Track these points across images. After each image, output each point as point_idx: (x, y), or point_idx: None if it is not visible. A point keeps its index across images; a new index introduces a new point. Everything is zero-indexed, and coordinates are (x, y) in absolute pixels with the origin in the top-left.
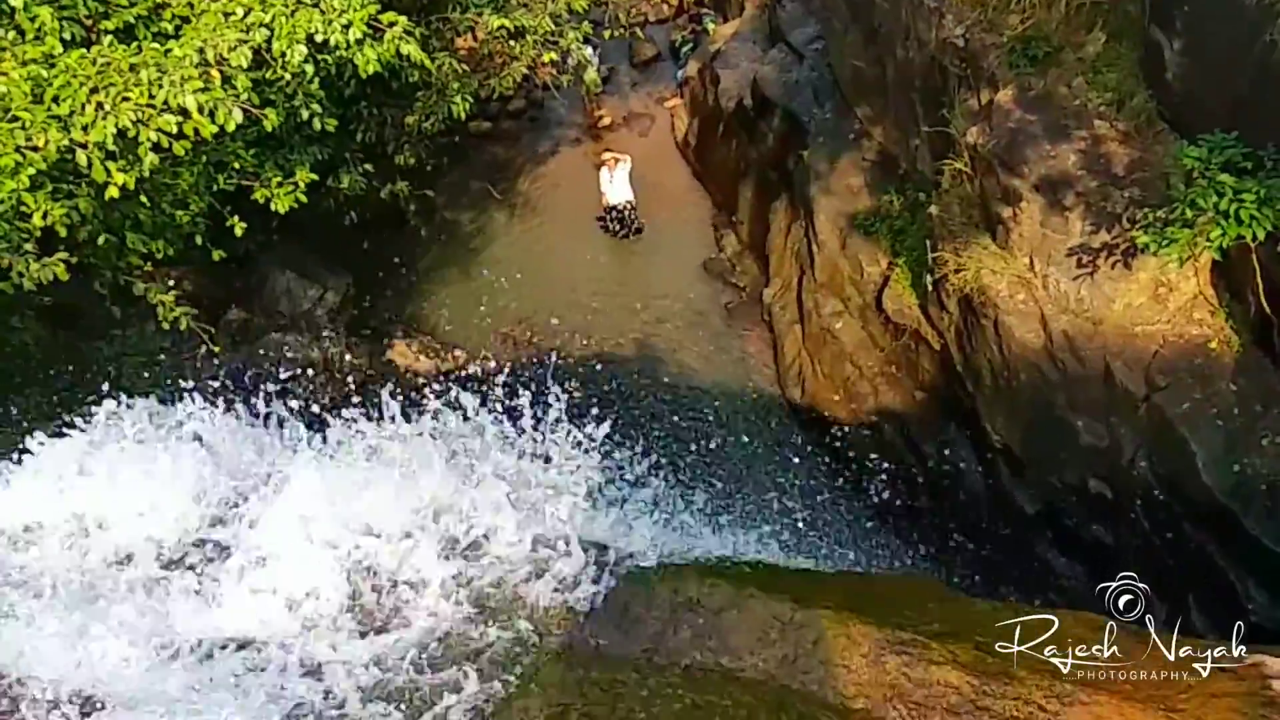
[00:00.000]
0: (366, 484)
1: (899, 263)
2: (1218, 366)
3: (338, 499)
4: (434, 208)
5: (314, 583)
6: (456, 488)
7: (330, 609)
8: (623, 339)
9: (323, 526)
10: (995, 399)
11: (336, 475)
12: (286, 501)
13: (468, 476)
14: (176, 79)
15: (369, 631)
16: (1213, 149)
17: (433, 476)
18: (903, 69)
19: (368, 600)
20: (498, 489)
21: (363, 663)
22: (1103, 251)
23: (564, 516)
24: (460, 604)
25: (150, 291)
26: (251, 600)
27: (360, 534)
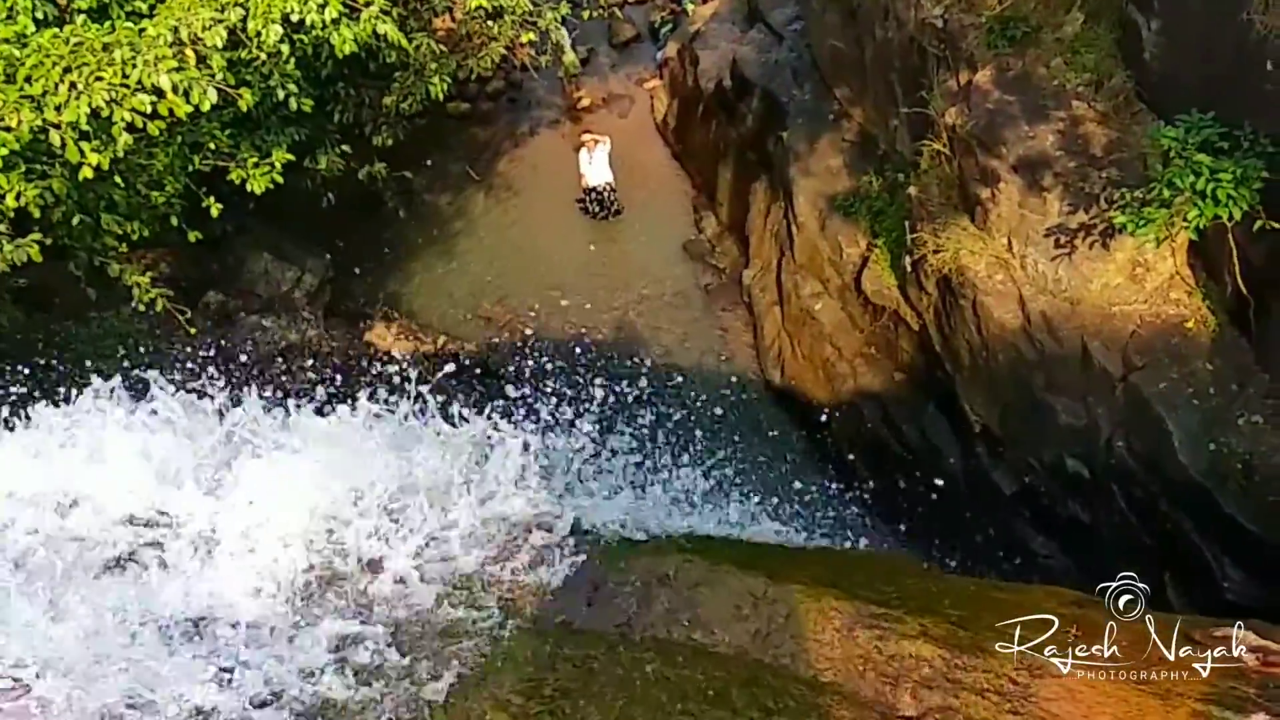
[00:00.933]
0: (339, 463)
1: (878, 244)
2: (1194, 346)
3: (309, 477)
4: (412, 189)
5: (282, 561)
6: (429, 467)
7: (300, 586)
8: (602, 320)
9: (293, 505)
10: (974, 379)
11: (308, 454)
12: (256, 481)
13: (442, 455)
14: (150, 58)
15: (338, 609)
16: (1190, 129)
17: (406, 455)
18: (881, 50)
19: (337, 578)
20: (472, 467)
21: (332, 640)
22: (1080, 232)
23: (539, 494)
24: (430, 582)
25: (126, 273)
26: (218, 577)
27: (330, 513)
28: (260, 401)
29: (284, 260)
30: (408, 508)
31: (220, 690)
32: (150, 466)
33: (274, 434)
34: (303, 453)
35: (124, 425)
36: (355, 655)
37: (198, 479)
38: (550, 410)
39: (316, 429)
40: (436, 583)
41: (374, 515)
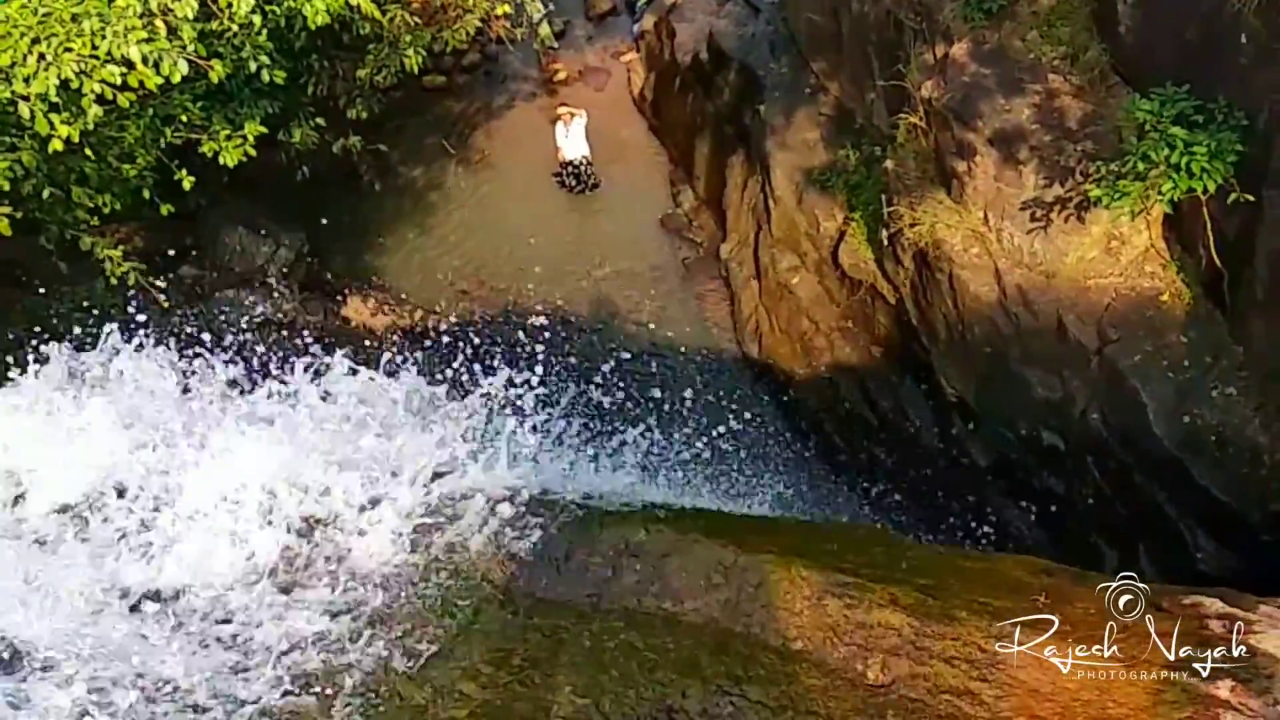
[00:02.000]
0: (311, 437)
1: (855, 217)
2: (1169, 319)
3: (282, 451)
4: (388, 162)
5: (252, 534)
6: (402, 440)
7: (269, 559)
8: (579, 295)
9: (265, 479)
10: (950, 352)
11: (280, 425)
12: (227, 454)
13: (414, 426)
14: (120, 29)
15: (308, 581)
16: (1164, 102)
17: (379, 427)
18: (858, 23)
19: (307, 551)
20: (444, 438)
21: (304, 611)
22: (1056, 205)
23: (510, 466)
24: (401, 553)
25: (98, 246)
26: (190, 549)
27: (302, 486)
28: (233, 374)
29: (259, 234)
30: (379, 481)
31: (190, 659)
32: (125, 436)
33: (247, 407)
34: (275, 426)
35: (89, 394)
36: (327, 626)
37: (171, 450)
38: (525, 383)
39: (290, 402)
40: (407, 554)
41: (345, 489)
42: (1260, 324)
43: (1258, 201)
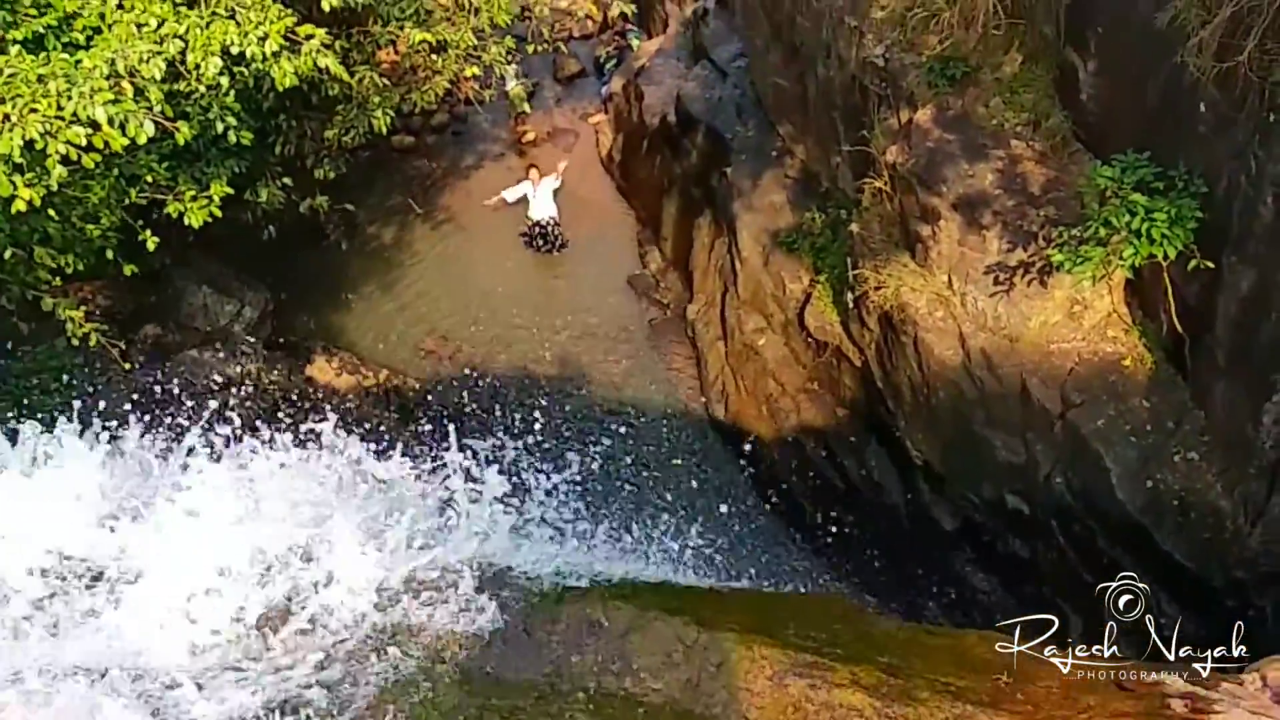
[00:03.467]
0: (267, 507)
1: (821, 280)
2: (1131, 383)
3: (236, 521)
4: (355, 222)
5: (207, 606)
6: (360, 510)
7: (222, 633)
8: (546, 355)
9: (220, 549)
10: (915, 415)
11: (235, 496)
12: (184, 523)
13: (373, 498)
14: (86, 90)
15: (264, 658)
16: (1125, 169)
17: (336, 499)
18: (824, 87)
19: (262, 626)
20: (403, 510)
21: (259, 689)
22: (1019, 269)
23: (470, 538)
24: (357, 630)
25: (59, 307)
26: (143, 623)
27: (258, 559)
28: (191, 439)
29: (223, 293)
30: (337, 553)
31: None
32: (79, 506)
33: (203, 476)
34: (231, 497)
35: (53, 463)
36: (282, 704)
37: (123, 520)
38: (486, 450)
39: (247, 472)
40: (364, 631)
41: (301, 562)
42: (1221, 390)
43: (1218, 268)
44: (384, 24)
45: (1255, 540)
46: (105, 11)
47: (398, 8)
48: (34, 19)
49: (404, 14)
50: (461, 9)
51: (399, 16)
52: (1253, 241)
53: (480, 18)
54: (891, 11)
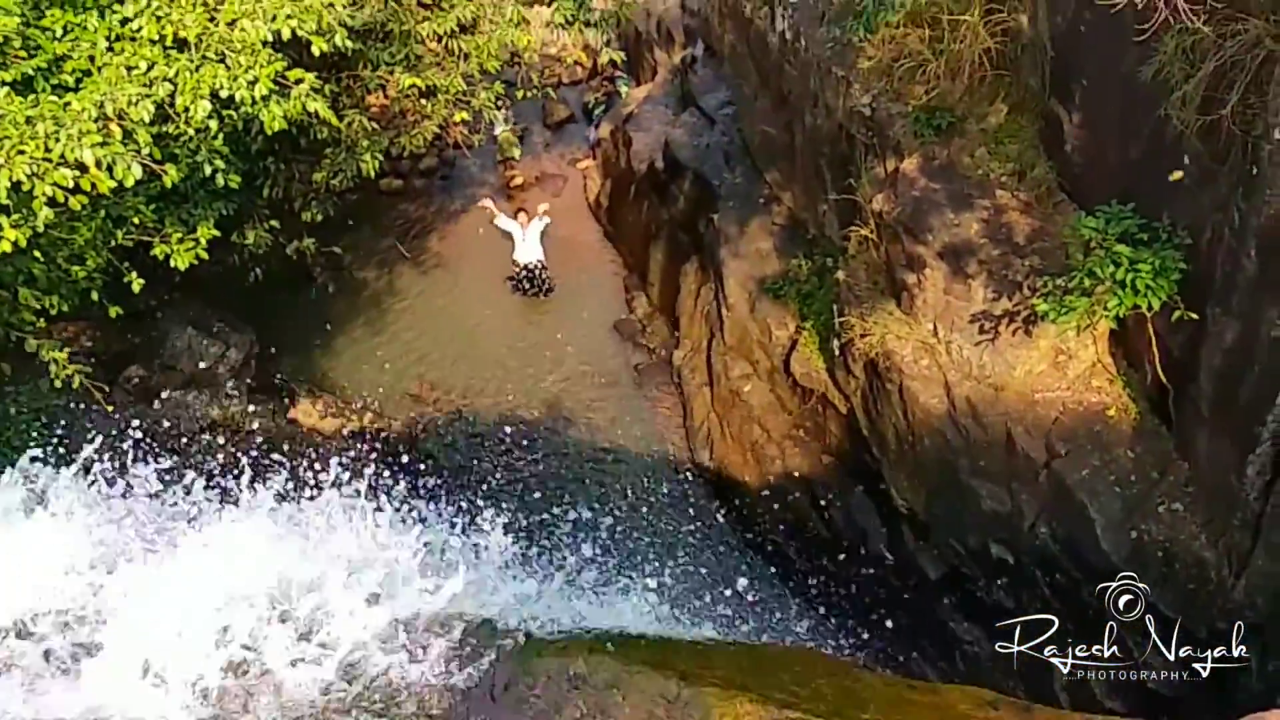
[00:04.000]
0: (246, 559)
1: (807, 327)
2: (1116, 434)
3: (219, 571)
4: (341, 265)
5: (189, 659)
6: (341, 561)
7: (206, 686)
8: (532, 399)
9: (202, 600)
10: (900, 463)
11: (220, 546)
12: (165, 573)
13: (354, 548)
14: (74, 132)
15: (236, 715)
16: (1110, 220)
17: (317, 549)
18: (811, 136)
19: (241, 682)
20: (382, 560)
21: None
22: (1004, 318)
23: (452, 589)
24: (337, 682)
25: (43, 348)
26: (122, 678)
27: (239, 609)
28: (175, 482)
29: (208, 335)
30: (316, 607)
31: None
32: (53, 555)
33: (180, 525)
34: (210, 546)
35: (28, 512)
36: None
37: (99, 568)
38: (470, 496)
39: (225, 519)
40: (343, 685)
41: (281, 616)
42: (1205, 440)
43: (1202, 319)
44: (374, 69)
45: (1239, 592)
46: (95, 54)
47: (388, 53)
48: (23, 61)
49: (394, 59)
50: (451, 55)
51: (389, 61)
52: (1236, 293)
53: (470, 63)
54: (878, 62)
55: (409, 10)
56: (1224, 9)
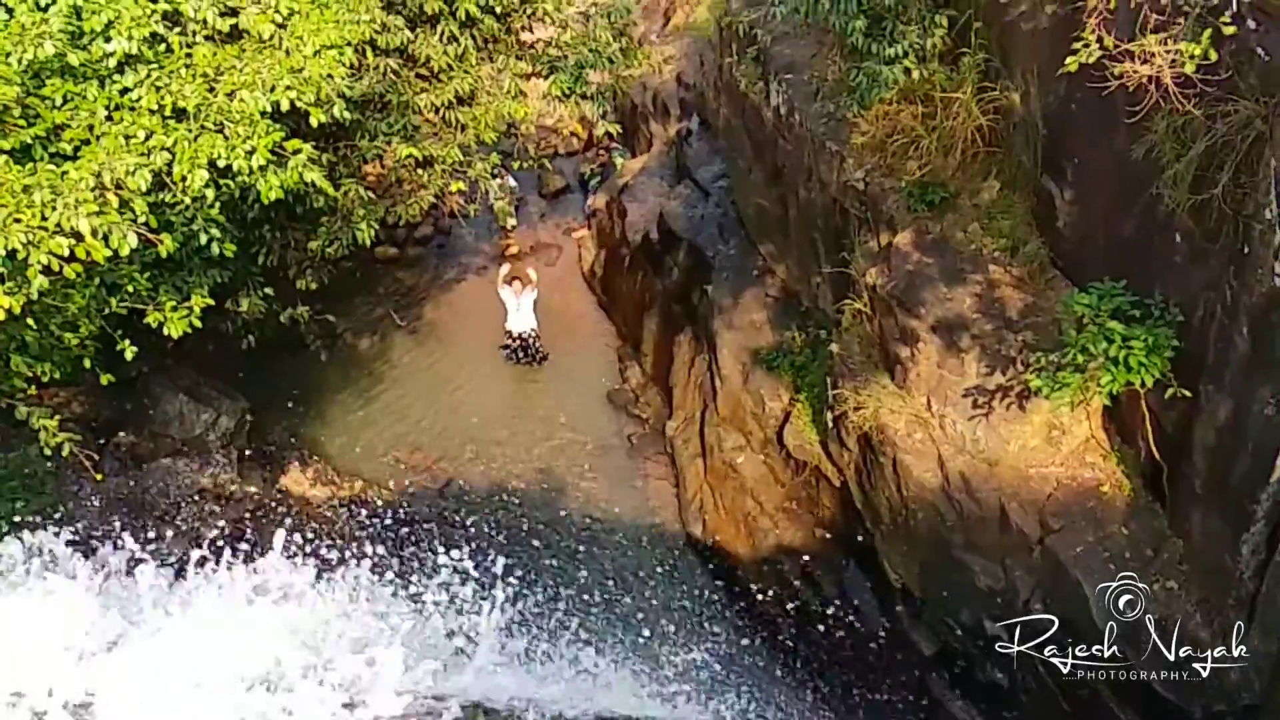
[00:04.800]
0: (230, 638)
1: (800, 399)
2: (1110, 510)
3: (211, 645)
4: (335, 332)
5: None
6: (330, 637)
7: None
8: (524, 469)
9: (196, 675)
10: (894, 537)
11: (210, 619)
12: (155, 649)
13: (342, 625)
14: (71, 201)
15: None
16: (1102, 297)
17: (305, 627)
18: (805, 209)
19: None
20: (370, 639)
21: None
22: (998, 393)
23: (441, 668)
24: None
25: (34, 415)
26: None
27: (231, 687)
28: (160, 554)
29: (199, 401)
30: (304, 686)
31: None
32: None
33: (166, 600)
34: (191, 624)
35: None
36: None
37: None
38: (460, 573)
39: (208, 596)
40: None
41: (268, 697)
42: (1199, 518)
43: (1195, 397)
44: (371, 139)
45: (1235, 672)
46: (94, 123)
47: (386, 123)
48: (22, 129)
49: (391, 129)
50: (449, 126)
51: (386, 132)
52: (1229, 371)
53: (467, 134)
54: (872, 137)
55: (407, 81)
56: (1214, 91)
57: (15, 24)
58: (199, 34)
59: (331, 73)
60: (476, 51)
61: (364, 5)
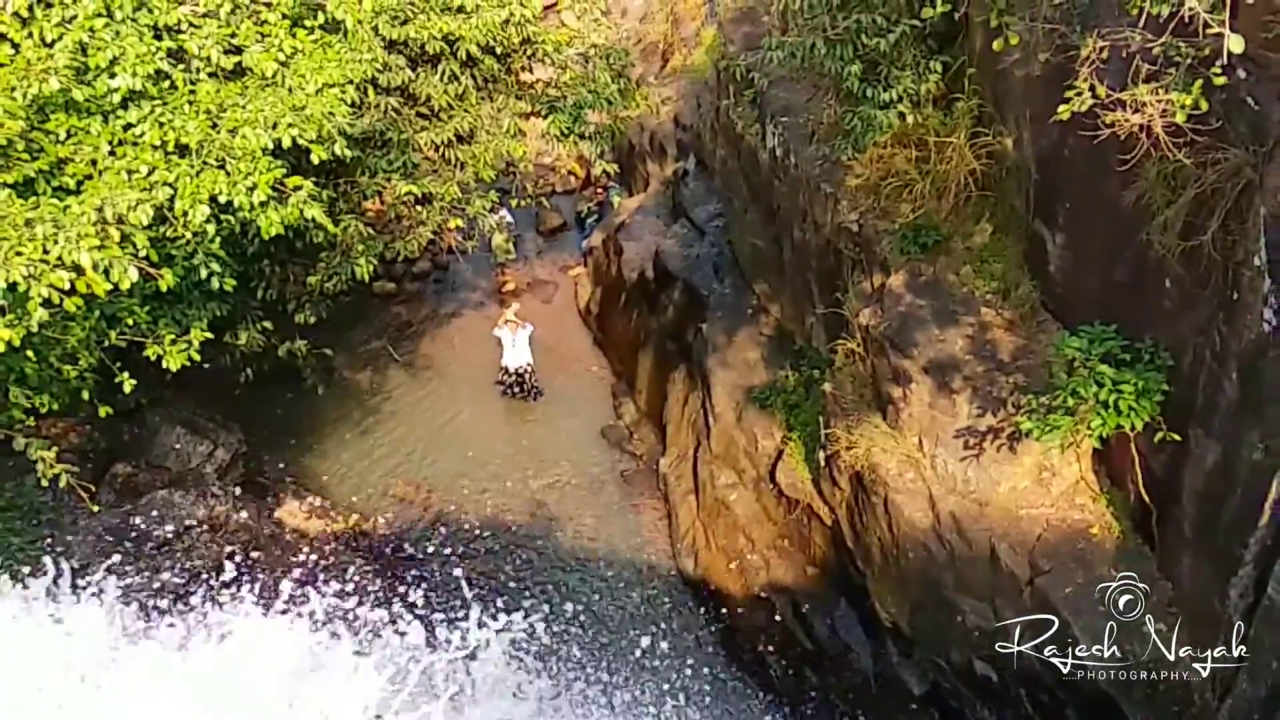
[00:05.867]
0: (233, 661)
1: (793, 437)
2: (1099, 552)
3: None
4: (332, 366)
5: None
6: (323, 666)
7: None
8: (518, 504)
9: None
10: (885, 576)
11: (200, 659)
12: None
13: (337, 655)
14: (73, 235)
15: None
16: (1093, 340)
17: (302, 655)
18: (799, 249)
19: None
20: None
21: None
22: (989, 434)
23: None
24: None
25: (31, 447)
26: None
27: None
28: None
29: (196, 434)
30: None
31: None
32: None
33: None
34: (194, 655)
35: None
36: None
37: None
38: (452, 602)
39: (202, 624)
40: None
41: None
42: (1188, 561)
43: (1184, 440)
44: (371, 175)
45: (1224, 715)
46: (97, 158)
47: (385, 160)
48: (26, 163)
49: (391, 166)
50: (448, 163)
51: (386, 169)
52: (1218, 416)
53: (466, 172)
54: (866, 180)
55: (408, 119)
56: (1204, 139)
57: (21, 59)
58: (203, 71)
59: (333, 110)
60: (476, 91)
61: (366, 44)
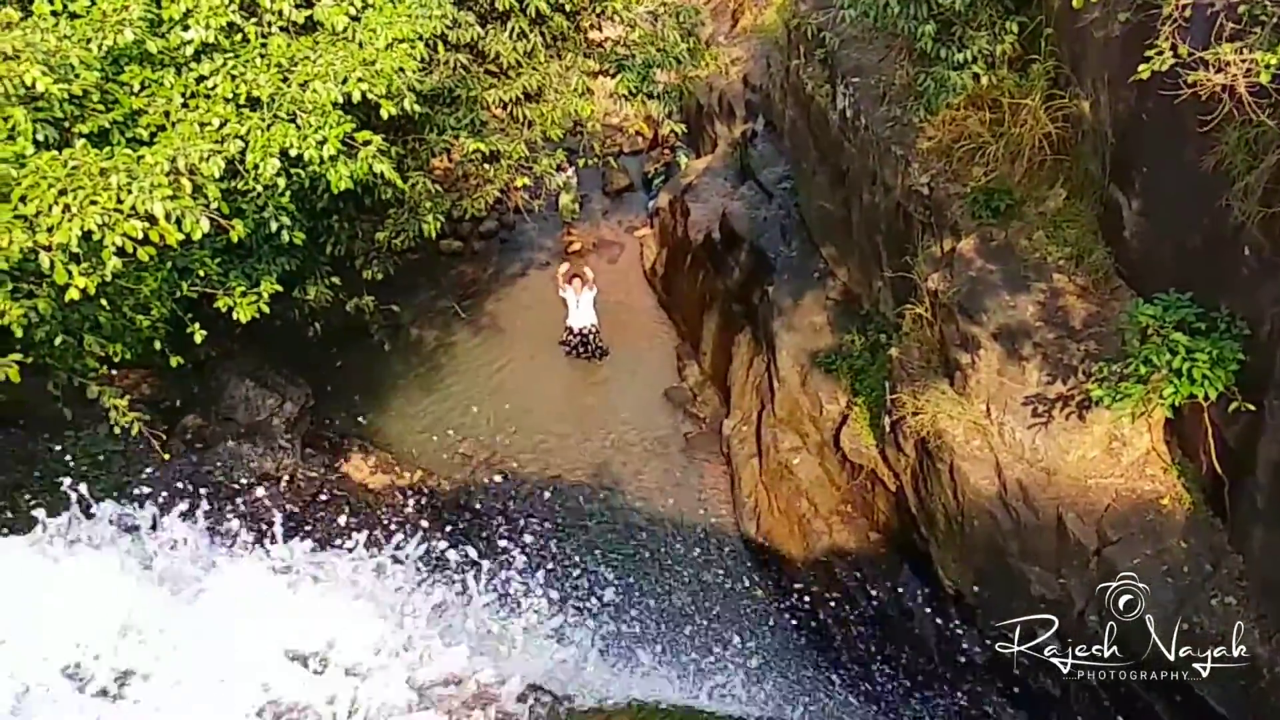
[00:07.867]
0: (302, 611)
1: (858, 402)
2: (1169, 523)
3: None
4: (399, 323)
5: (234, 714)
6: (393, 619)
7: None
8: (581, 464)
9: (253, 653)
10: (948, 544)
11: (273, 599)
12: (215, 625)
13: (397, 609)
14: (146, 185)
15: None
16: (1167, 308)
17: (363, 609)
18: (868, 212)
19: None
20: (438, 623)
21: None
22: (1058, 402)
23: (493, 654)
24: None
25: (105, 394)
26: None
27: (287, 664)
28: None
29: (265, 387)
30: (359, 666)
31: None
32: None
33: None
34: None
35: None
36: None
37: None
38: (517, 559)
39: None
40: None
41: (325, 677)
42: (1260, 534)
43: (1259, 411)
44: (439, 133)
45: None
46: (170, 110)
47: (454, 118)
48: (100, 114)
49: (459, 124)
50: (516, 122)
51: (454, 126)
52: None
53: (534, 131)
54: (938, 142)
55: (476, 77)
56: None
57: (97, 10)
58: (274, 25)
59: (403, 66)
60: (545, 49)
61: (436, 0)
